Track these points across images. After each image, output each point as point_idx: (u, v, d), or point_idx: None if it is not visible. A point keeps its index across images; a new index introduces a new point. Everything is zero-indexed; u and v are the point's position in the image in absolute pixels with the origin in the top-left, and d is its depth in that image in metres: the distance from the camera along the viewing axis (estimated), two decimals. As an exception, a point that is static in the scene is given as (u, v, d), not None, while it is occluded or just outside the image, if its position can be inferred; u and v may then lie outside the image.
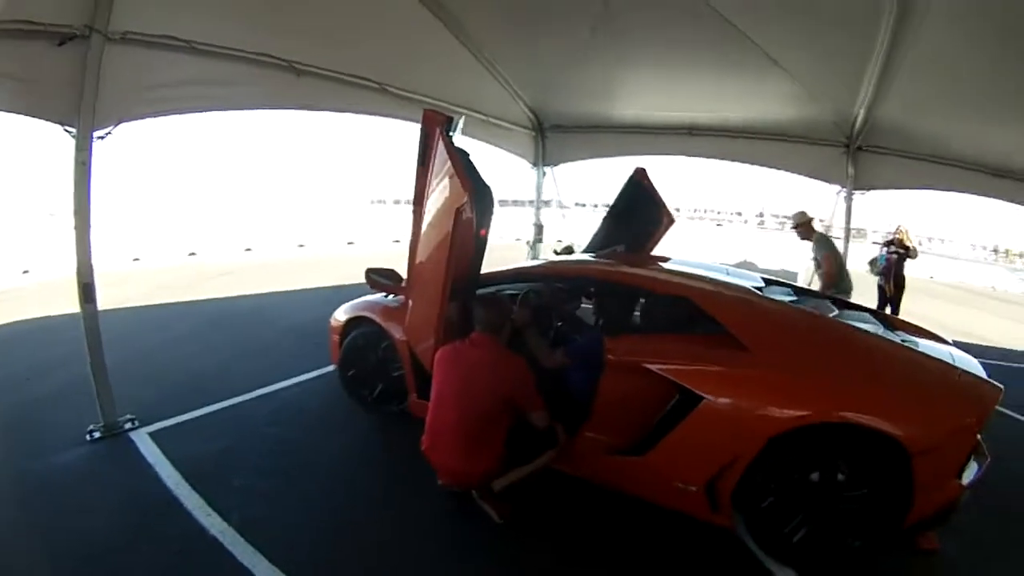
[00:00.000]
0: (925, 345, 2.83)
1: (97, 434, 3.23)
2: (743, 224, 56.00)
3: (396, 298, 3.76)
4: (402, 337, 3.40)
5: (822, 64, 4.88)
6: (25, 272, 8.89)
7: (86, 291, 3.08)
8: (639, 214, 4.53)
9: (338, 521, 2.60)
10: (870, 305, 4.33)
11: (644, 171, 4.56)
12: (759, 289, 3.09)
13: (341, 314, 3.98)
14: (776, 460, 2.32)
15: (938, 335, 3.18)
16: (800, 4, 4.10)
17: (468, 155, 2.71)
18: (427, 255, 2.88)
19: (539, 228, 8.86)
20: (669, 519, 2.63)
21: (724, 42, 4.58)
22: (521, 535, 2.53)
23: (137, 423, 3.38)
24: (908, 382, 2.40)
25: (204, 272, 9.44)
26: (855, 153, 6.15)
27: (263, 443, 3.28)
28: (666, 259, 3.65)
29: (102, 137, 3.02)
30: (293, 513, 2.62)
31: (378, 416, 3.68)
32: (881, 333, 2.83)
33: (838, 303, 3.42)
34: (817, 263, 5.18)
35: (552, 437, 2.60)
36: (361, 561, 2.33)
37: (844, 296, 4.58)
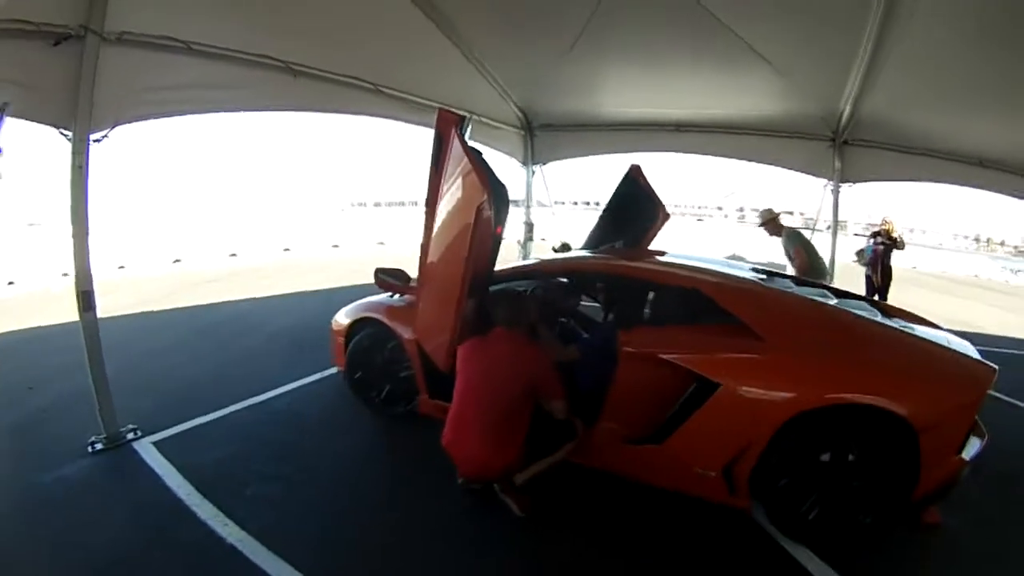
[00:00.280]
0: (922, 330, 2.93)
1: (99, 445, 3.15)
2: (724, 219, 56.69)
3: (401, 298, 3.74)
4: (411, 336, 3.39)
5: (809, 59, 4.94)
6: (11, 283, 8.75)
7: (85, 299, 3.00)
8: (635, 210, 4.57)
9: (358, 523, 2.59)
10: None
11: (639, 168, 4.60)
12: (763, 280, 3.17)
13: (344, 316, 3.94)
14: (791, 442, 2.39)
15: (931, 321, 3.29)
16: (788, 0, 4.17)
17: (481, 154, 2.71)
18: (442, 254, 2.87)
19: (529, 227, 8.87)
20: (684, 507, 2.67)
21: (712, 38, 4.62)
22: (540, 528, 2.55)
23: (139, 433, 3.31)
24: (911, 364, 2.51)
25: (191, 279, 9.30)
26: (841, 147, 6.26)
27: (269, 449, 3.24)
28: (669, 254, 3.70)
29: (98, 140, 2.95)
30: (312, 518, 2.59)
31: (382, 418, 3.66)
32: (879, 320, 2.92)
33: (836, 292, 3.51)
34: (790, 257, 5.27)
35: (571, 429, 2.63)
36: (385, 560, 2.33)
37: None
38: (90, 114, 2.88)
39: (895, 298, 6.34)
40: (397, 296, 3.78)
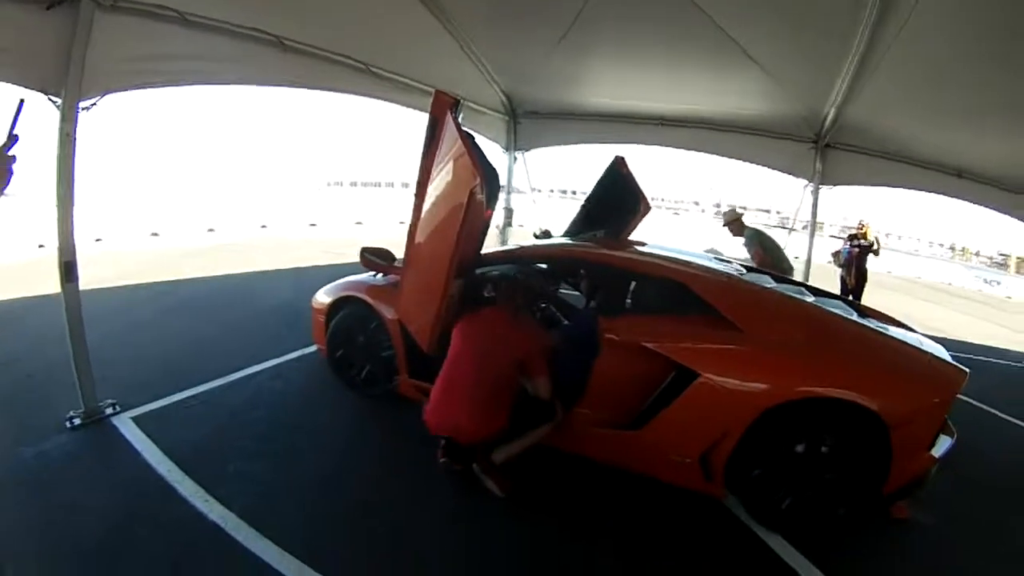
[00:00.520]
0: (895, 331, 3.05)
1: (77, 420, 3.08)
2: (700, 213, 57.19)
3: (383, 277, 3.74)
4: (393, 316, 3.39)
5: (797, 62, 5.02)
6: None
7: (68, 270, 2.93)
8: (617, 201, 4.63)
9: (341, 499, 2.62)
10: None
11: (623, 160, 4.65)
12: (742, 275, 3.27)
13: (325, 295, 3.93)
14: (766, 433, 2.48)
15: (904, 323, 3.42)
16: (780, 2, 4.22)
17: (473, 138, 2.72)
18: (430, 235, 2.88)
19: (509, 212, 8.90)
20: (663, 494, 2.76)
21: (701, 36, 4.66)
22: (525, 511, 2.60)
23: (118, 408, 3.26)
24: (885, 362, 2.62)
25: (170, 253, 9.09)
26: (823, 149, 6.38)
27: (251, 425, 3.22)
28: (651, 245, 3.76)
29: (87, 108, 2.87)
30: (294, 495, 2.60)
31: (363, 396, 3.67)
32: (855, 319, 3.03)
33: (813, 291, 3.62)
34: (751, 257, 5.36)
35: (550, 410, 2.69)
36: (369, 539, 2.36)
37: None
38: (80, 81, 2.79)
39: (868, 301, 6.56)
40: (380, 275, 3.77)
